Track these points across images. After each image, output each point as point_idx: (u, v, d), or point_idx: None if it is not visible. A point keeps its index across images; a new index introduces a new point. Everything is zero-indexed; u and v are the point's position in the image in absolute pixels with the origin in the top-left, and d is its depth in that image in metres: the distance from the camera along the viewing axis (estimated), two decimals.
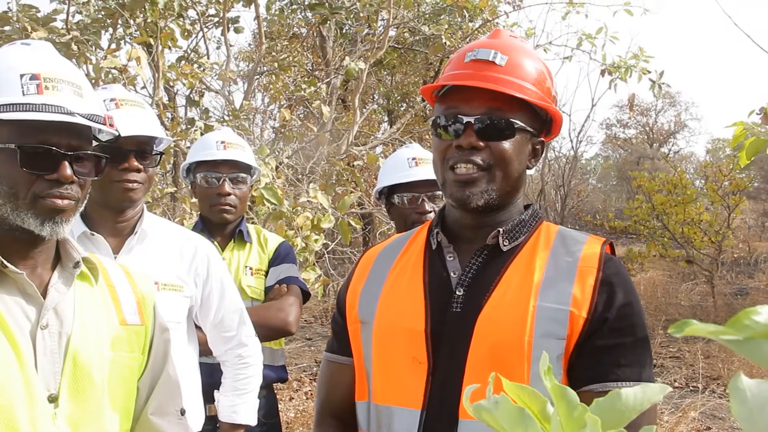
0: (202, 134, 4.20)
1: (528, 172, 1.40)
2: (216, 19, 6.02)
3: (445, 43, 6.94)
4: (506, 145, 1.31)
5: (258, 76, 7.17)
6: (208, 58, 6.11)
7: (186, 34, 5.24)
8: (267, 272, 2.66)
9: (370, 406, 1.37)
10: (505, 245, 1.35)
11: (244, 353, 2.16)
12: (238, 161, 2.59)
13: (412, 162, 2.52)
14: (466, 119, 1.30)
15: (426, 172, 2.44)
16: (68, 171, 1.22)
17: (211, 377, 2.26)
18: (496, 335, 1.26)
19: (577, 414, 0.52)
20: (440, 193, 2.42)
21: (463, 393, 1.21)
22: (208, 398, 2.20)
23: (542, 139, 1.39)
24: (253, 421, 2.21)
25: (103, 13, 4.71)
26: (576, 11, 7.73)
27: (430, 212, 2.44)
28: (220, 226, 2.64)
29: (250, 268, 2.64)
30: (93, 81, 4.08)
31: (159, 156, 1.99)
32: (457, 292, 1.33)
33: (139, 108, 1.97)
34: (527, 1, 13.60)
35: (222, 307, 2.09)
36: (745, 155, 2.02)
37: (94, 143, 1.34)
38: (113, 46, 4.84)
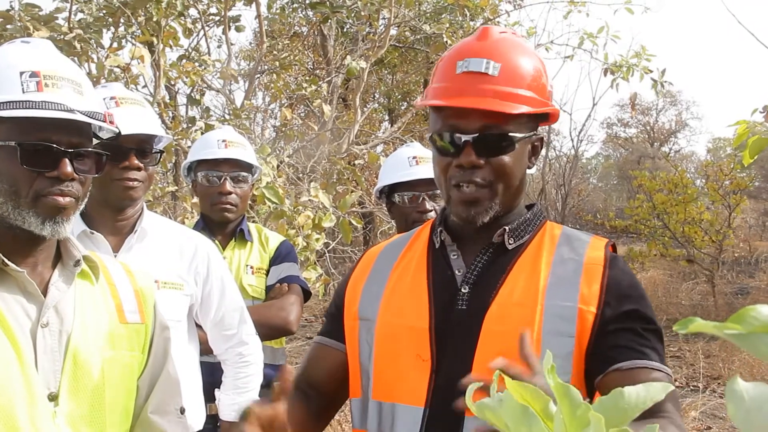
0: (203, 133, 4.20)
1: (528, 171, 1.39)
2: (217, 18, 6.02)
3: (447, 42, 6.92)
4: (506, 159, 1.29)
5: (259, 75, 7.17)
6: (210, 57, 6.10)
7: (187, 32, 5.24)
8: (268, 271, 2.66)
9: (369, 404, 1.36)
10: (510, 243, 1.35)
11: (244, 352, 2.16)
12: (239, 160, 2.59)
13: (413, 161, 2.52)
14: (464, 138, 1.27)
15: (426, 170, 2.43)
16: (69, 168, 1.22)
17: (212, 376, 2.26)
18: (504, 333, 1.26)
19: (580, 412, 0.52)
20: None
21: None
22: (209, 397, 2.20)
23: (541, 136, 1.38)
24: None
25: (104, 11, 4.71)
26: (577, 10, 7.72)
27: (431, 211, 2.43)
28: (221, 225, 2.64)
29: (251, 267, 2.64)
30: (95, 79, 4.07)
31: (159, 154, 1.99)
32: (463, 290, 1.32)
33: (139, 106, 1.97)
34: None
35: (222, 306, 2.09)
36: (749, 154, 2.02)
37: (95, 141, 1.34)
38: (115, 44, 4.84)
